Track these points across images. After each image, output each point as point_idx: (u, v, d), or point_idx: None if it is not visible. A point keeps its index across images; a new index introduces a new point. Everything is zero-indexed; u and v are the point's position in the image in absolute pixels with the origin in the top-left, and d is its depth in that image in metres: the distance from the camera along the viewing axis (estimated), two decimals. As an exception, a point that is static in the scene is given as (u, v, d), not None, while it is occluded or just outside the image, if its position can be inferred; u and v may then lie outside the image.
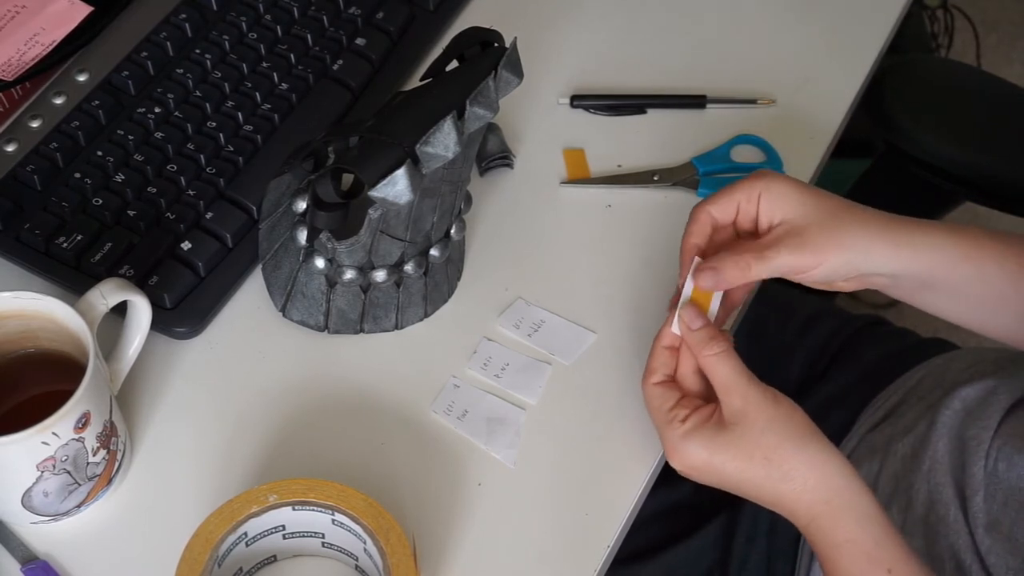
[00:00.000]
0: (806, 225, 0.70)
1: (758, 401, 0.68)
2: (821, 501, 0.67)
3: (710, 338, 0.70)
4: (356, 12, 0.93)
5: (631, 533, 0.76)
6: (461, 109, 0.71)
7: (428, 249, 0.79)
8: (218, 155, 0.84)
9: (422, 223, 0.76)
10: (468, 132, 0.71)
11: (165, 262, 0.79)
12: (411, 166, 0.69)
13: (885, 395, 0.90)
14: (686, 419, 0.69)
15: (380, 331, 0.81)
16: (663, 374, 0.72)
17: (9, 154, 0.84)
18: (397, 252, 0.77)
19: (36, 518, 0.70)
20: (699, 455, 0.68)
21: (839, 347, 0.99)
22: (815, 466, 0.67)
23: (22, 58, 0.90)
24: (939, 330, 1.77)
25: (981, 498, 0.77)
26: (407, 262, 0.78)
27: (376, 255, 0.76)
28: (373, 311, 0.80)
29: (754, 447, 0.67)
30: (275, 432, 0.76)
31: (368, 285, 0.78)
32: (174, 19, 0.91)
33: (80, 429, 0.66)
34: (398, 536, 0.65)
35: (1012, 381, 0.81)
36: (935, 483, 0.80)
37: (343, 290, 0.78)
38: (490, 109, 0.72)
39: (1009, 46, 2.06)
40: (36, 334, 0.71)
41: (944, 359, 0.91)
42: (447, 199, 0.76)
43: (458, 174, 0.75)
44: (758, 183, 0.72)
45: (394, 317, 0.80)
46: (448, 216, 0.78)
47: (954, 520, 0.78)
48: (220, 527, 0.65)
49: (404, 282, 0.79)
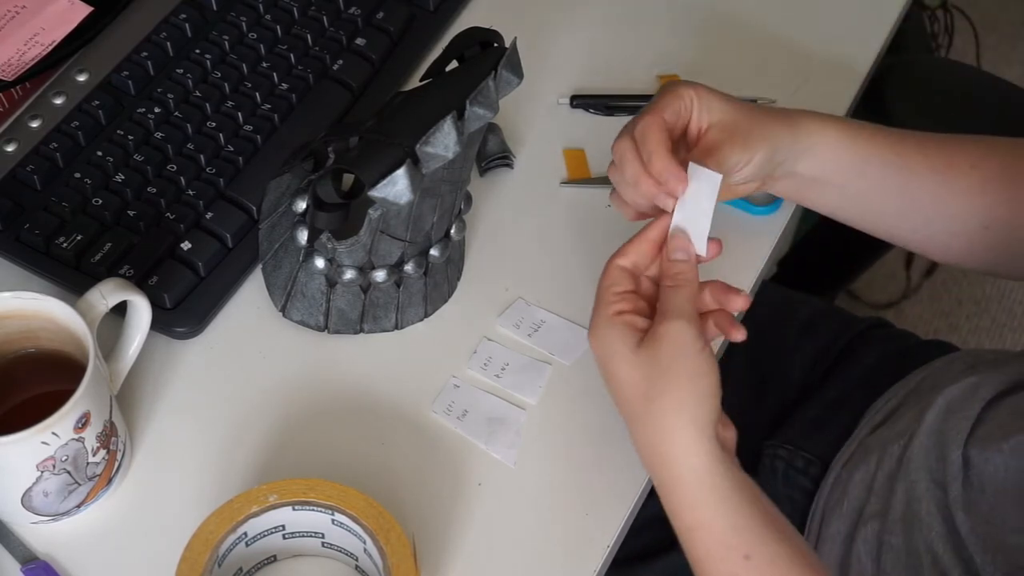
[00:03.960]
0: (735, 124, 0.73)
1: (682, 348, 0.66)
2: (676, 476, 0.66)
3: (687, 269, 0.69)
4: (356, 12, 0.93)
5: (632, 535, 0.76)
6: (461, 109, 0.71)
7: (428, 249, 0.79)
8: (218, 155, 0.84)
9: (422, 223, 0.76)
10: (468, 132, 0.71)
11: (165, 262, 0.79)
12: (411, 166, 0.69)
13: (885, 398, 0.90)
14: (622, 312, 0.69)
15: (380, 331, 0.80)
16: (632, 262, 0.71)
17: (9, 154, 0.84)
18: (397, 252, 0.77)
19: (36, 518, 0.70)
20: (611, 346, 0.68)
21: (840, 350, 0.99)
22: (684, 441, 0.66)
23: (22, 58, 0.90)
24: (939, 331, 1.77)
25: (959, 485, 0.77)
26: (407, 262, 0.78)
27: (376, 255, 0.76)
28: (373, 311, 0.80)
29: (649, 380, 0.66)
30: (275, 432, 0.76)
31: (368, 285, 0.78)
32: (174, 19, 0.91)
33: (80, 429, 0.66)
34: (398, 536, 0.65)
35: (996, 375, 0.81)
36: (910, 480, 0.80)
37: (343, 290, 0.78)
38: (490, 109, 0.72)
39: (1009, 46, 2.06)
40: (36, 334, 0.71)
41: (943, 361, 0.91)
42: (447, 199, 0.76)
43: (458, 174, 0.75)
44: (685, 91, 0.73)
45: (394, 317, 0.80)
46: (448, 216, 0.78)
47: (927, 513, 0.77)
48: (220, 527, 0.65)
49: (404, 282, 0.79)
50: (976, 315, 1.81)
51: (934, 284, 1.83)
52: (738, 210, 0.87)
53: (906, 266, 1.80)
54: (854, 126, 0.78)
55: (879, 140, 0.78)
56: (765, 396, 0.98)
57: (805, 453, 0.91)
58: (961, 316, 1.81)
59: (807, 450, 0.91)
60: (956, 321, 1.80)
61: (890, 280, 1.79)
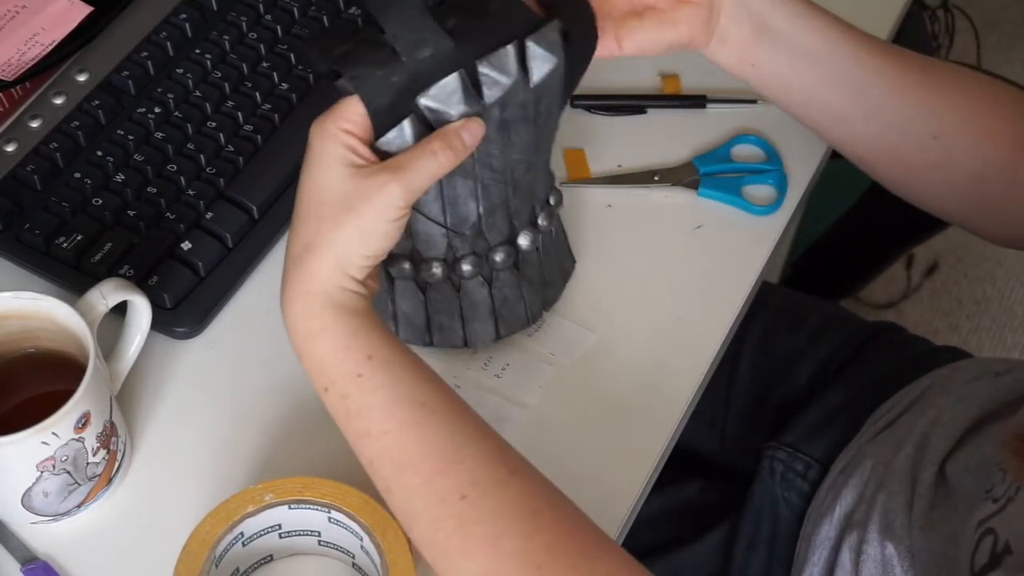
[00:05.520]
0: None
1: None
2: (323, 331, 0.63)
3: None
4: (356, 12, 0.93)
5: (637, 531, 0.76)
6: (472, 68, 0.64)
7: (496, 247, 0.72)
8: (218, 155, 0.84)
9: (461, 208, 0.69)
10: (490, 100, 0.64)
11: (165, 262, 0.79)
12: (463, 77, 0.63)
13: (888, 404, 0.89)
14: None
15: (449, 346, 0.76)
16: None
17: (9, 154, 0.84)
18: (440, 242, 0.71)
19: (36, 518, 0.70)
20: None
21: (849, 355, 0.98)
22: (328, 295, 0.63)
23: (22, 58, 0.90)
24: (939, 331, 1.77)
25: (926, 503, 0.76)
26: (462, 260, 0.72)
27: (419, 240, 0.71)
28: (438, 319, 0.75)
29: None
30: (275, 431, 0.76)
31: (424, 284, 0.73)
32: (174, 19, 0.91)
33: (80, 429, 0.66)
34: (395, 532, 0.65)
35: (992, 390, 0.81)
36: (890, 491, 0.79)
37: (402, 288, 0.74)
38: (506, 75, 0.64)
39: (1009, 46, 2.06)
40: (36, 334, 0.71)
41: (950, 369, 0.90)
42: (493, 190, 0.69)
43: (494, 160, 0.68)
44: None
45: (460, 330, 0.74)
46: (500, 212, 0.71)
47: (900, 527, 0.77)
48: (217, 527, 0.65)
49: (463, 287, 0.74)
50: (976, 315, 1.81)
51: (934, 284, 1.83)
52: (738, 210, 0.87)
53: (907, 266, 1.80)
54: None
55: (849, 35, 0.77)
56: (771, 399, 0.98)
57: (805, 456, 0.90)
58: (961, 316, 1.81)
59: (807, 453, 0.91)
60: (956, 321, 1.80)
61: (891, 280, 1.79)
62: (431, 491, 0.61)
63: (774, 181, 0.89)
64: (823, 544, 0.83)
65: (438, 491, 0.61)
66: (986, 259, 1.86)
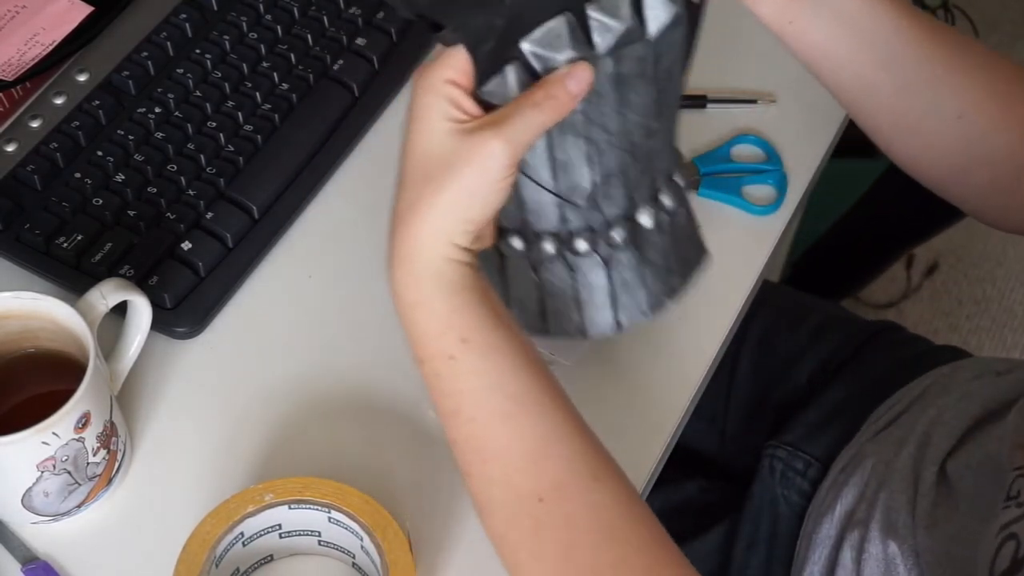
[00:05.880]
0: None
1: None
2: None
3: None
4: (356, 12, 0.93)
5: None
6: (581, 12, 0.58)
7: (606, 227, 0.65)
8: (218, 155, 0.84)
9: (573, 173, 0.62)
10: (601, 49, 0.58)
11: (165, 262, 0.79)
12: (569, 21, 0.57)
13: (889, 403, 0.89)
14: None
15: (564, 335, 0.68)
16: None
17: (9, 154, 0.84)
18: (552, 212, 0.64)
19: (36, 518, 0.70)
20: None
21: (849, 354, 0.98)
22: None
23: (22, 58, 0.90)
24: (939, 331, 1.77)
25: (929, 503, 0.76)
26: (576, 236, 0.65)
27: (529, 211, 0.64)
28: (553, 304, 0.67)
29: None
30: (275, 431, 0.76)
31: (537, 263, 0.66)
32: (174, 19, 0.91)
33: (80, 429, 0.66)
34: (395, 532, 0.65)
35: (994, 390, 0.81)
36: (892, 490, 0.79)
37: (514, 268, 0.67)
38: (619, 20, 0.58)
39: (1009, 46, 2.06)
40: (36, 334, 0.71)
41: (951, 368, 0.90)
42: (608, 155, 0.62)
43: (609, 120, 0.61)
44: None
45: (575, 316, 0.67)
46: (617, 181, 0.64)
47: (903, 526, 0.77)
48: (217, 528, 0.65)
49: (578, 267, 0.66)
50: (976, 315, 1.81)
51: (934, 284, 1.83)
52: (738, 210, 0.87)
53: (907, 266, 1.80)
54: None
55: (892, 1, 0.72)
56: (772, 398, 0.98)
57: (805, 455, 0.91)
58: (961, 316, 1.81)
59: (807, 452, 0.91)
60: (956, 321, 1.80)
61: (891, 280, 1.79)
62: (510, 487, 0.60)
63: (774, 181, 0.89)
64: (824, 543, 0.83)
65: (517, 488, 0.59)
66: (986, 259, 1.86)
